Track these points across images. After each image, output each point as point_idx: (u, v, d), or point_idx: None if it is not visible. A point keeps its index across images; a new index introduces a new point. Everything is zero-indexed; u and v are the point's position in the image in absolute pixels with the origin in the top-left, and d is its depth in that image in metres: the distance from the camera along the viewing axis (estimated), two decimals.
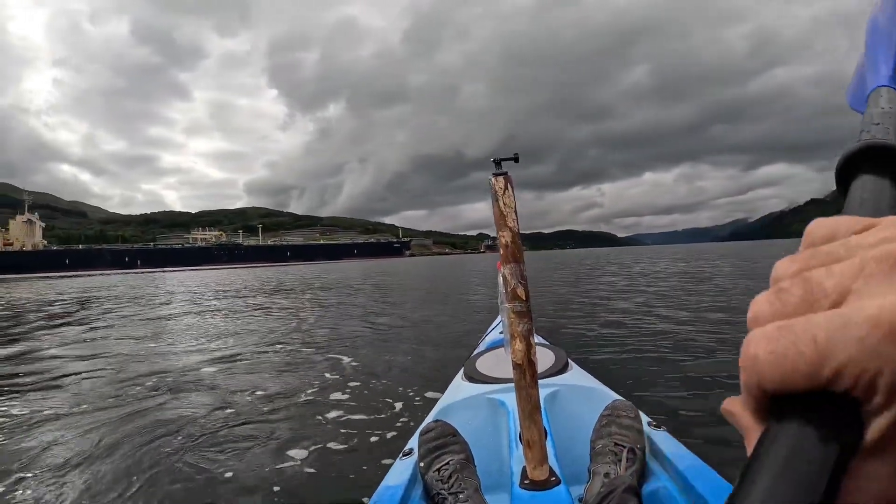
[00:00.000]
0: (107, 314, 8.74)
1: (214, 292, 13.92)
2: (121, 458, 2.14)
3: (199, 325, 6.67)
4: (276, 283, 17.53)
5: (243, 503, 1.76)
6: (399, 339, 5.00)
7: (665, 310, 5.84)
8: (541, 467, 0.98)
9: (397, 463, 1.13)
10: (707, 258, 21.92)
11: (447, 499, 0.94)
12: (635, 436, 1.06)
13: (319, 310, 8.19)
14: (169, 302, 11.11)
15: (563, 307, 6.69)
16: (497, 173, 1.02)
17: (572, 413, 1.29)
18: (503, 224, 1.01)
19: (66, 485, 1.92)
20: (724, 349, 3.59)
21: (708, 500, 0.84)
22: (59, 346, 5.26)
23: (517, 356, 1.00)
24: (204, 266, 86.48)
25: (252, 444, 2.29)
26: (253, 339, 5.29)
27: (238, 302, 10.33)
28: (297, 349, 4.61)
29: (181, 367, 3.93)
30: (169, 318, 7.83)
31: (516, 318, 1.00)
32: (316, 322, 6.57)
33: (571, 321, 5.40)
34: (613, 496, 0.87)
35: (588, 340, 4.32)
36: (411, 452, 1.13)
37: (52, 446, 2.30)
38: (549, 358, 1.68)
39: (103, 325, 7.04)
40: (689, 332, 4.32)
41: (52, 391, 3.33)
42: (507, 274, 1.01)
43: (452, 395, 1.50)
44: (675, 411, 2.39)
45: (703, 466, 0.95)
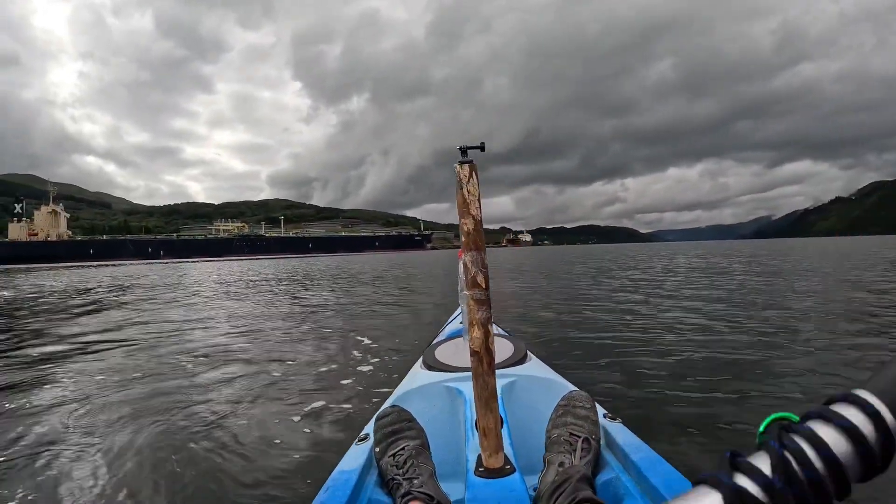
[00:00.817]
0: (146, 299, 9.02)
1: (234, 281, 14.19)
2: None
3: (212, 307, 6.83)
4: (289, 274, 17.79)
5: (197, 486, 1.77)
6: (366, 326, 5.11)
7: (644, 305, 5.79)
8: (496, 455, 0.99)
9: (352, 448, 1.13)
10: (734, 256, 21.47)
11: (402, 484, 0.95)
12: (591, 426, 1.06)
13: (317, 299, 8.29)
14: (196, 291, 11.37)
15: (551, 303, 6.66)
16: (462, 161, 1.03)
17: (529, 403, 1.29)
18: (466, 212, 1.01)
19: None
20: (689, 347, 3.59)
21: (661, 491, 0.84)
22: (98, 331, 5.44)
23: (475, 344, 1.01)
24: (226, 257, 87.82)
25: (207, 425, 2.34)
26: (248, 321, 5.39)
27: (243, 289, 10.51)
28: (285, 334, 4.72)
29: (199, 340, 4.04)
30: (194, 304, 8.02)
31: (475, 305, 1.01)
32: (314, 311, 6.65)
33: (539, 313, 5.46)
34: (568, 485, 0.87)
35: (550, 331, 4.42)
36: (367, 438, 1.14)
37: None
38: (508, 349, 1.69)
39: (149, 309, 7.26)
40: (661, 329, 4.35)
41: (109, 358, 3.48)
42: (469, 262, 1.02)
43: (410, 383, 1.51)
44: (632, 403, 2.43)
45: (657, 458, 0.95)
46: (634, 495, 0.90)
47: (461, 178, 1.02)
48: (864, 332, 3.87)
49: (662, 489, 0.84)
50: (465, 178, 1.02)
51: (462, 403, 1.26)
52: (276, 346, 4.30)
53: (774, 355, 3.23)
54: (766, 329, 4.12)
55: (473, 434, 1.08)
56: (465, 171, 1.02)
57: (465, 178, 1.02)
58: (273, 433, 2.24)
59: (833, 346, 3.45)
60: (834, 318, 4.58)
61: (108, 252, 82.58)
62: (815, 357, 3.17)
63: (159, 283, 15.08)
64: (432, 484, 0.95)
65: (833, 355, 3.22)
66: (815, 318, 4.64)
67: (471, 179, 1.02)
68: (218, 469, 1.89)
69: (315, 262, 39.24)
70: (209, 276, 19.51)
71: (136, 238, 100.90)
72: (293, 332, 5.10)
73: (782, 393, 2.52)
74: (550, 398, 1.19)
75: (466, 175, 1.02)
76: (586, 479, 0.89)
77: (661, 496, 0.84)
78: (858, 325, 4.20)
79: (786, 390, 2.56)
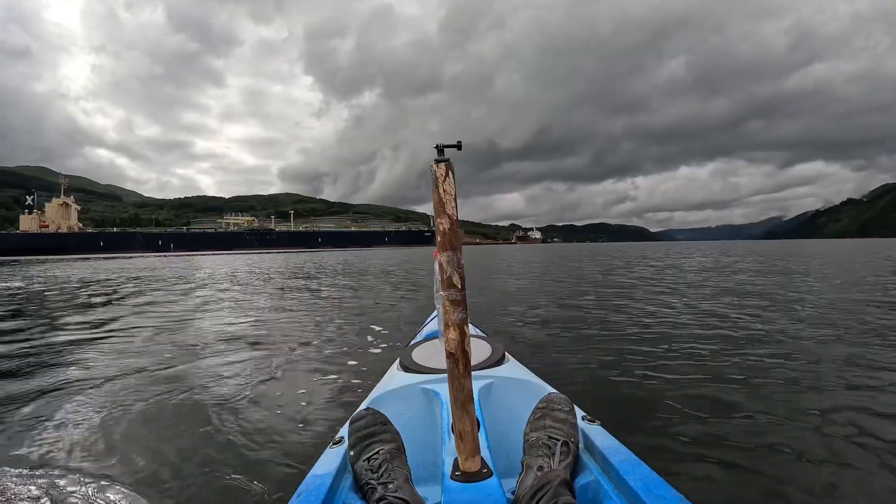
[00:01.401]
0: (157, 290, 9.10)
1: (243, 274, 14.29)
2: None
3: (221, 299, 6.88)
4: (294, 268, 17.88)
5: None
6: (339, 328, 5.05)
7: (624, 306, 5.75)
8: (472, 459, 0.98)
9: (327, 451, 1.12)
10: (754, 258, 21.27)
11: (377, 489, 0.94)
12: (569, 429, 1.05)
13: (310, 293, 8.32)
14: (206, 283, 11.45)
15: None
16: (439, 160, 1.02)
17: (506, 405, 1.28)
18: (442, 211, 1.00)
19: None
20: (672, 349, 3.54)
21: (640, 495, 0.83)
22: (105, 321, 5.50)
23: (451, 345, 1.00)
24: (235, 250, 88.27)
25: (184, 424, 2.30)
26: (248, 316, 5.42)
27: (250, 286, 10.57)
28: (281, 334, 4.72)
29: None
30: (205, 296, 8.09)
31: (451, 306, 1.00)
32: (307, 306, 6.67)
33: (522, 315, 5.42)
34: (548, 489, 0.86)
35: (526, 333, 4.38)
36: (341, 441, 1.13)
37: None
38: (486, 350, 1.67)
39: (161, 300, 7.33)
40: (640, 330, 4.31)
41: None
42: (444, 262, 1.01)
43: (386, 385, 1.50)
44: (611, 405, 2.40)
45: (636, 461, 0.94)
46: (613, 498, 0.89)
47: (437, 177, 1.01)
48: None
49: (642, 492, 0.84)
50: (441, 176, 1.01)
51: (439, 406, 1.25)
52: (261, 342, 4.30)
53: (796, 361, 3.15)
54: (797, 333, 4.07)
55: (450, 437, 1.07)
56: (442, 170, 1.01)
57: (442, 177, 1.01)
58: (244, 435, 2.13)
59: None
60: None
61: (119, 245, 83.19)
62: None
63: (171, 276, 15.21)
64: (408, 488, 0.94)
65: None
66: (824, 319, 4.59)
67: (447, 178, 1.01)
68: (182, 473, 1.81)
69: (322, 256, 39.23)
70: (219, 268, 19.67)
71: (146, 231, 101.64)
72: (273, 327, 5.09)
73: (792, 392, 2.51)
74: (528, 400, 1.18)
75: (443, 174, 1.01)
76: (566, 484, 0.89)
77: (640, 499, 0.83)
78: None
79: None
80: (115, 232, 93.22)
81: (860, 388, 2.54)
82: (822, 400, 2.38)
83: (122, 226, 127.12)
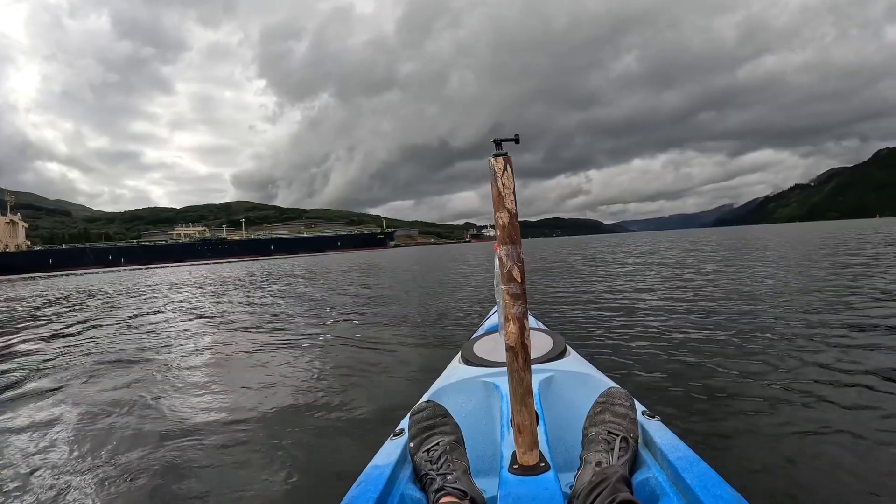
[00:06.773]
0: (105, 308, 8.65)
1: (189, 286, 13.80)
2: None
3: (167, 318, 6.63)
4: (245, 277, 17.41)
5: (232, 478, 1.83)
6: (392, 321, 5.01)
7: (665, 297, 5.85)
8: (530, 452, 0.98)
9: (387, 443, 1.12)
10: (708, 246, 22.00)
11: (436, 479, 0.94)
12: (629, 425, 1.05)
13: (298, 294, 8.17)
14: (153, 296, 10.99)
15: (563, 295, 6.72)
16: (497, 154, 1.01)
17: (566, 399, 1.28)
18: (501, 205, 1.00)
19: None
20: (733, 342, 3.36)
21: (697, 493, 0.82)
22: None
23: (510, 339, 1.00)
24: (187, 261, 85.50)
25: (245, 423, 2.42)
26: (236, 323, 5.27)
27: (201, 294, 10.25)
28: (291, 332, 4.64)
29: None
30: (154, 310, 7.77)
31: (511, 300, 0.99)
32: (304, 304, 6.54)
33: (573, 308, 5.43)
34: (606, 485, 0.85)
35: (587, 326, 4.31)
36: (402, 433, 1.13)
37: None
38: (547, 343, 1.67)
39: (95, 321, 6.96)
40: (690, 323, 4.15)
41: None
42: (504, 255, 1.00)
43: (447, 378, 1.50)
44: (672, 401, 2.31)
45: (696, 458, 0.93)
46: (671, 495, 0.89)
47: (496, 172, 1.00)
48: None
49: (699, 490, 0.83)
50: (499, 171, 1.00)
51: (498, 399, 1.25)
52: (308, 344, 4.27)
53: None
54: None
55: (509, 430, 1.07)
56: (500, 164, 1.00)
57: (500, 171, 1.00)
58: (307, 428, 2.28)
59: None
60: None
61: (68, 261, 79.17)
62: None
63: (109, 290, 14.52)
64: (466, 480, 0.94)
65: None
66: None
67: (505, 172, 1.00)
68: (248, 463, 1.95)
69: (276, 263, 38.73)
70: (165, 279, 18.94)
71: (95, 246, 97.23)
72: (327, 330, 5.01)
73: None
74: (588, 394, 1.18)
75: (501, 168, 1.00)
76: (624, 480, 0.88)
77: (697, 497, 0.82)
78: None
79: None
80: (63, 249, 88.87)
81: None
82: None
83: (71, 241, 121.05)
